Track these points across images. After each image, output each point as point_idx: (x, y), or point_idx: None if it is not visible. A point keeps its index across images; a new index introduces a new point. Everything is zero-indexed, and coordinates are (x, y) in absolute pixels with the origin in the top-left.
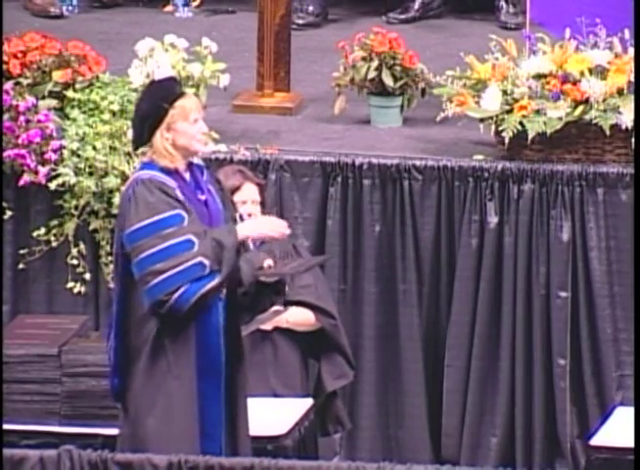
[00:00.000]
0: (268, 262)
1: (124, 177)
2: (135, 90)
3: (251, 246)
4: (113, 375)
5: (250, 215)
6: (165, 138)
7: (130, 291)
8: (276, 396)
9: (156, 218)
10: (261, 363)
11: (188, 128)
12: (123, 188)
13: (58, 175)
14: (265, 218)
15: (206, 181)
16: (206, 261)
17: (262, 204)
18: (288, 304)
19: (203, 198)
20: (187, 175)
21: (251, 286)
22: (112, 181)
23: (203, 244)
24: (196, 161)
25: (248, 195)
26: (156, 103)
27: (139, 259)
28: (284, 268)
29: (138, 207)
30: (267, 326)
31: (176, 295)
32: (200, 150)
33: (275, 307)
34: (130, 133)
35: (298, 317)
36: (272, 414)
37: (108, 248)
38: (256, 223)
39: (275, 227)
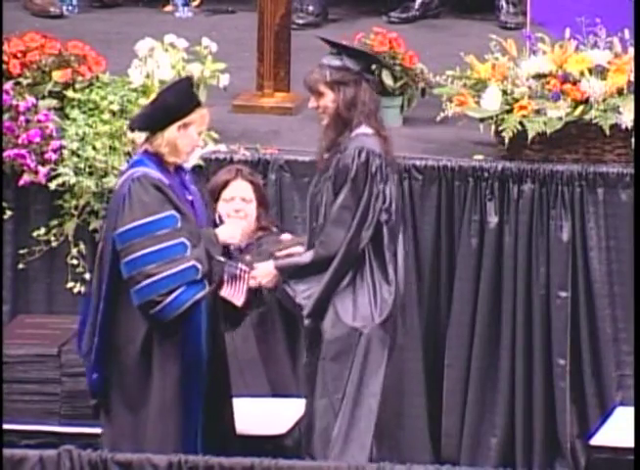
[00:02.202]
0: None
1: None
2: (135, 90)
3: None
4: (91, 371)
5: (229, 215)
6: (177, 135)
7: (118, 289)
8: (275, 395)
9: (150, 219)
10: (255, 362)
11: (194, 136)
12: (116, 184)
13: (58, 175)
14: (236, 221)
15: (189, 181)
16: (199, 266)
17: (261, 203)
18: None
19: (190, 198)
20: (176, 179)
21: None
22: (112, 181)
23: (196, 248)
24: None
25: (236, 191)
26: (185, 99)
27: (130, 259)
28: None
29: (132, 206)
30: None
31: (170, 298)
32: (186, 162)
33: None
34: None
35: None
36: (272, 414)
37: None
38: (232, 227)
39: (240, 231)
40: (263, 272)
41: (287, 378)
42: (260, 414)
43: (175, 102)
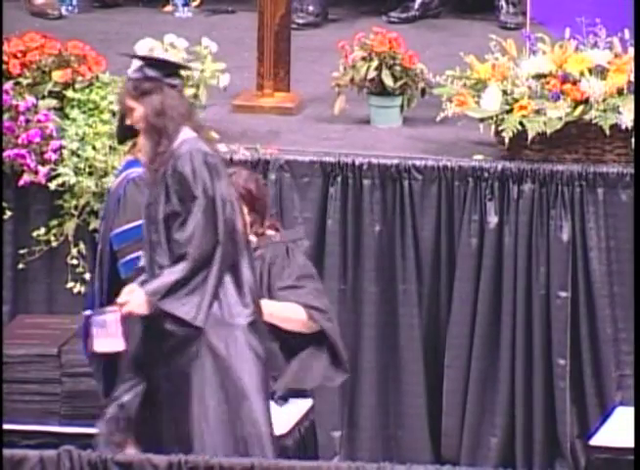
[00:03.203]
0: None
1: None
2: None
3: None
4: (99, 378)
5: None
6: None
7: (118, 290)
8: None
9: (141, 222)
10: None
11: None
12: (113, 184)
13: (58, 175)
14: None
15: None
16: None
17: (254, 210)
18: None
19: None
20: None
21: None
22: (111, 181)
23: None
24: None
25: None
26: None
27: (126, 261)
28: None
29: (127, 207)
30: None
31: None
32: None
33: None
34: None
35: (285, 312)
36: (272, 414)
37: None
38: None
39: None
40: (136, 303)
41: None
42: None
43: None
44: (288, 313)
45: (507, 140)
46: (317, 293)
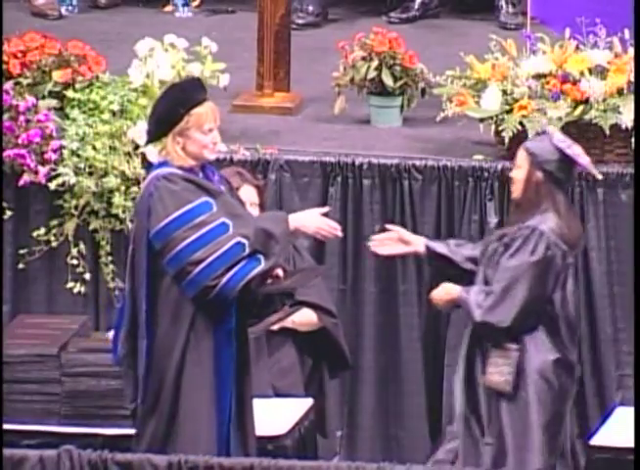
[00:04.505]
0: (277, 272)
1: (124, 177)
2: (135, 90)
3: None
4: (129, 375)
5: None
6: (177, 142)
7: (160, 290)
8: (277, 395)
9: (184, 209)
10: (260, 362)
11: (200, 137)
12: (142, 188)
13: (58, 175)
14: (318, 214)
15: (219, 181)
16: (245, 241)
17: (261, 205)
18: (293, 304)
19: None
20: (200, 175)
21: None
22: (112, 181)
23: (240, 224)
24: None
25: (246, 197)
26: (172, 106)
27: (175, 253)
28: (288, 282)
29: (164, 200)
30: (275, 326)
31: (224, 279)
32: (210, 158)
33: (284, 309)
34: (133, 131)
35: (303, 318)
36: (272, 414)
37: (108, 248)
38: (311, 217)
39: (328, 226)
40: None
41: (291, 377)
42: (260, 414)
43: (163, 110)
44: (305, 319)
45: (507, 140)
46: (327, 291)
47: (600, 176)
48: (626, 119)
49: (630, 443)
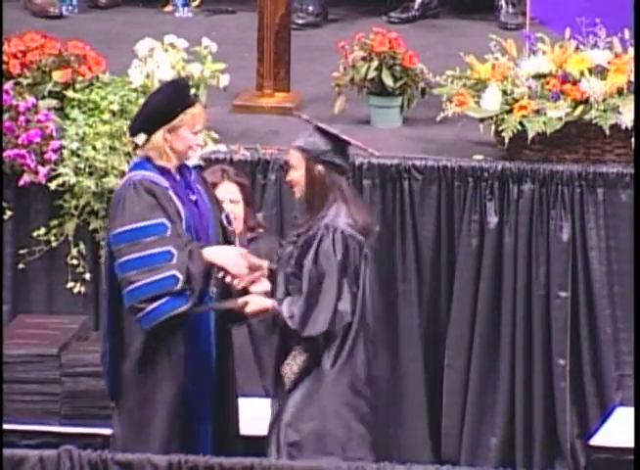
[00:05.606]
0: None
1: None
2: (135, 90)
3: (237, 244)
4: (105, 376)
5: (229, 217)
6: (165, 138)
7: (119, 290)
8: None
9: (138, 225)
10: (249, 362)
11: (189, 137)
12: (118, 186)
13: (58, 175)
14: (232, 252)
15: (194, 181)
16: (180, 276)
17: (248, 203)
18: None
19: (193, 198)
20: (177, 176)
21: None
22: (112, 181)
23: (181, 257)
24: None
25: (224, 193)
26: (169, 103)
27: (119, 263)
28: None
29: (124, 210)
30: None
31: (150, 307)
32: (191, 158)
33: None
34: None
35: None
36: (271, 414)
37: None
38: (224, 254)
39: (238, 265)
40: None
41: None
42: (260, 414)
43: (160, 106)
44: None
45: (507, 140)
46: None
47: (377, 153)
48: (626, 119)
49: (630, 443)
